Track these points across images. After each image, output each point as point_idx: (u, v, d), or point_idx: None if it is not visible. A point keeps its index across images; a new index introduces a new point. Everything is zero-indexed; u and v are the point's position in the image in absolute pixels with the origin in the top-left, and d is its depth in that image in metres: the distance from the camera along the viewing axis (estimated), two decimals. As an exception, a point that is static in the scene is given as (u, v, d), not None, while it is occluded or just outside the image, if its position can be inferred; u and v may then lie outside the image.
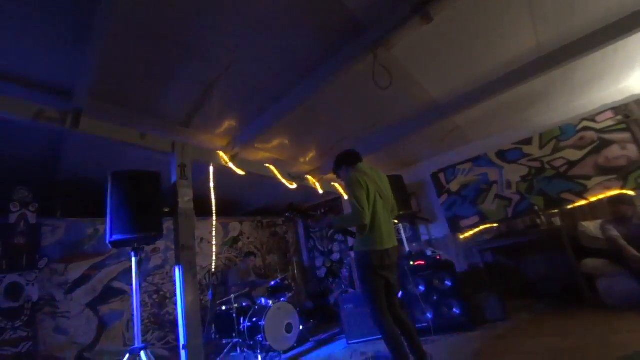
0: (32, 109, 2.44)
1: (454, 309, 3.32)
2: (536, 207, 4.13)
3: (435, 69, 3.02)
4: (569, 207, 4.04)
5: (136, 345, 2.27)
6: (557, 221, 3.94)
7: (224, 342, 3.90)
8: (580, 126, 4.09)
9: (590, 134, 4.02)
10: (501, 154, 4.60)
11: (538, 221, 3.96)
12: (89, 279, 3.85)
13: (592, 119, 4.02)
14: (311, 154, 4.48)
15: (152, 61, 2.35)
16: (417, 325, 3.28)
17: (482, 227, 4.60)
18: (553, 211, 4.09)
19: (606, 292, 3.04)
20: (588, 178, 3.97)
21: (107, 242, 2.32)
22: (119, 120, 2.87)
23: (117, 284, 4.01)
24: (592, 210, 3.88)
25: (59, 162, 3.45)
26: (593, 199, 3.91)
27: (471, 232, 4.68)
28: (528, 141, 4.42)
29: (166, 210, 2.89)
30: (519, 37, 2.78)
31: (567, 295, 3.52)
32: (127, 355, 2.23)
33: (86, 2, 1.82)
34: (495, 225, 4.51)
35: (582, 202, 3.97)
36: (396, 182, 3.99)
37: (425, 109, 3.66)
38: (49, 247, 3.66)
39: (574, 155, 4.09)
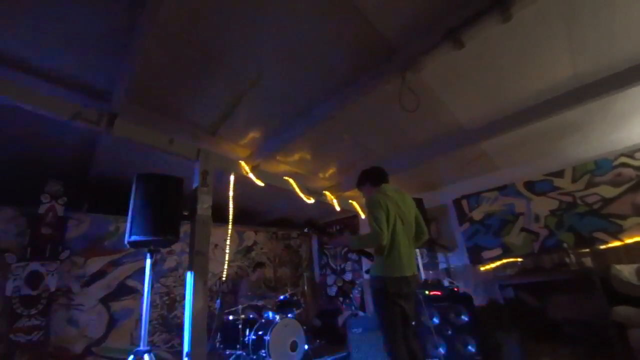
0: (71, 109, 2.58)
1: (469, 347, 3.12)
2: (565, 245, 3.89)
3: (464, 93, 2.96)
4: (602, 247, 3.77)
5: (141, 348, 2.27)
6: (588, 261, 3.68)
7: (227, 352, 3.85)
8: (618, 162, 3.86)
9: (628, 171, 3.78)
10: (530, 185, 4.40)
11: (567, 260, 3.72)
12: (105, 274, 3.95)
13: (631, 155, 3.79)
14: (331, 170, 4.47)
15: (185, 69, 2.44)
16: None
17: (505, 261, 4.36)
18: (584, 250, 3.83)
19: (639, 344, 2.77)
20: (624, 218, 3.71)
21: (126, 241, 2.37)
22: (150, 124, 2.98)
23: (131, 282, 4.09)
24: (627, 253, 3.59)
25: (90, 160, 3.62)
26: (629, 241, 3.63)
27: (493, 265, 4.45)
28: (560, 174, 4.21)
29: (185, 213, 2.94)
30: (555, 65, 2.69)
31: (594, 342, 3.24)
32: (132, 357, 2.24)
33: (130, 9, 1.93)
34: (519, 259, 4.27)
35: (617, 243, 3.70)
36: (416, 205, 3.88)
37: (451, 133, 3.58)
38: (72, 240, 3.81)
39: (609, 192, 3.85)
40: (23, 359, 3.12)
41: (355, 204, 5.48)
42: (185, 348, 2.59)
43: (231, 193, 3.66)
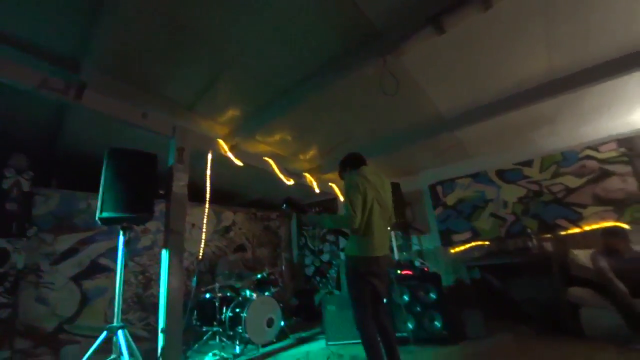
0: (37, 77, 2.41)
1: (436, 322, 3.32)
2: (529, 230, 4.14)
3: (443, 81, 3.01)
4: (562, 233, 4.04)
5: (115, 324, 2.27)
6: (549, 246, 3.95)
7: (204, 329, 3.90)
8: (583, 154, 4.08)
9: (591, 163, 4.02)
10: (501, 173, 4.60)
11: (529, 244, 3.97)
12: (77, 252, 3.84)
13: (595, 148, 4.02)
14: (311, 152, 4.47)
15: (162, 42, 2.33)
16: (397, 335, 3.29)
17: (473, 243, 4.60)
18: (546, 236, 4.09)
19: (588, 323, 3.04)
20: (584, 207, 3.97)
21: (97, 218, 2.30)
22: (123, 97, 2.85)
23: (103, 261, 4.00)
24: (584, 239, 3.87)
25: (59, 133, 3.43)
26: (587, 228, 3.91)
27: (462, 247, 4.69)
28: (529, 163, 4.42)
29: (161, 192, 2.88)
30: (531, 57, 2.77)
31: (549, 320, 3.52)
32: (105, 332, 2.23)
33: None
34: (486, 243, 4.52)
35: (576, 230, 3.97)
36: (393, 189, 3.96)
37: (429, 120, 3.65)
38: (40, 217, 3.65)
39: (573, 182, 4.09)
40: (-11, 338, 3.04)
41: (334, 186, 5.54)
42: (161, 324, 2.61)
43: (208, 172, 3.61)
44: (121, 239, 2.41)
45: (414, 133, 3.84)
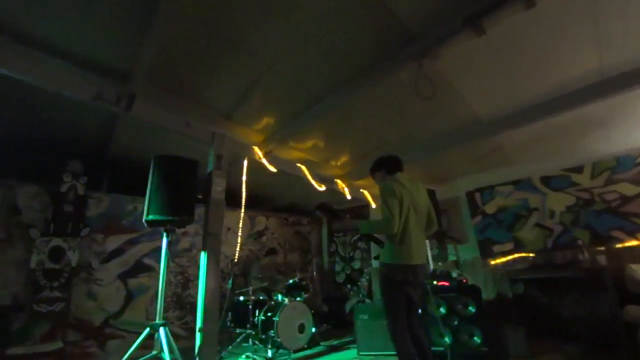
0: (92, 90, 2.64)
1: (475, 338, 3.14)
2: (580, 242, 3.82)
3: (482, 83, 2.89)
4: (618, 246, 3.69)
5: (157, 321, 2.39)
6: (602, 260, 3.62)
7: (237, 331, 3.99)
8: (640, 159, 3.73)
9: (650, 169, 3.66)
10: (546, 180, 4.31)
11: (580, 257, 3.66)
12: (124, 252, 4.12)
13: (654, 153, 3.66)
14: (343, 159, 4.47)
15: (203, 52, 2.47)
16: (432, 349, 3.15)
17: (516, 255, 4.33)
18: (599, 248, 3.76)
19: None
20: (644, 217, 3.61)
21: (144, 220, 2.46)
22: (168, 107, 3.03)
23: (147, 260, 4.25)
24: (644, 253, 3.51)
25: (110, 141, 3.72)
26: (647, 241, 3.55)
27: (503, 259, 4.42)
28: (579, 169, 4.10)
29: (199, 197, 3.01)
30: (579, 57, 2.59)
31: (601, 340, 3.21)
32: (148, 329, 2.35)
33: None
34: (531, 255, 4.22)
35: (634, 243, 3.61)
36: (429, 196, 3.87)
37: (467, 125, 3.52)
38: (92, 218, 3.97)
39: (629, 190, 3.74)
40: (45, 328, 3.31)
41: (366, 193, 5.49)
42: (198, 324, 2.71)
43: (244, 177, 3.72)
44: (164, 240, 2.55)
45: (450, 138, 3.71)
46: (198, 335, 2.68)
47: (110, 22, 2.19)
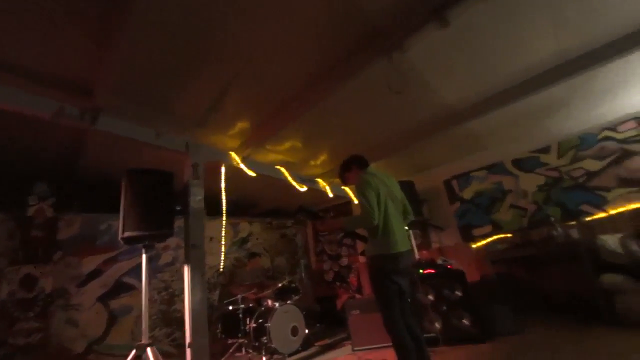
0: (53, 107, 2.51)
1: (464, 320, 3.23)
2: (553, 218, 4.00)
3: (451, 74, 2.97)
4: (588, 219, 3.90)
5: (143, 341, 2.29)
6: (575, 233, 3.81)
7: (229, 341, 3.91)
8: (601, 136, 3.96)
9: (611, 144, 3.88)
10: (517, 162, 4.49)
11: (554, 233, 3.83)
12: (101, 273, 3.94)
13: (613, 128, 3.89)
14: (322, 157, 4.47)
15: (168, 60, 2.39)
16: (424, 335, 3.21)
17: (495, 237, 4.49)
18: (571, 223, 3.96)
19: (625, 309, 2.91)
20: (608, 190, 3.83)
21: (120, 238, 2.35)
22: (136, 119, 2.93)
23: (127, 279, 4.08)
24: (612, 224, 3.73)
25: (77, 159, 3.54)
26: (613, 212, 3.77)
27: (484, 242, 4.57)
28: (546, 150, 4.30)
29: (178, 208, 2.92)
30: (538, 42, 2.71)
31: (582, 310, 3.39)
32: (134, 351, 2.26)
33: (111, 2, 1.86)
34: (509, 235, 4.39)
35: (602, 215, 3.83)
36: (407, 188, 3.94)
37: (440, 115, 3.61)
38: (64, 241, 3.77)
39: (594, 165, 3.95)
40: (24, 362, 3.12)
41: (347, 189, 5.52)
42: (188, 339, 2.63)
43: (223, 184, 3.65)
44: (144, 257, 2.45)
45: (424, 128, 3.79)
46: (188, 351, 2.60)
47: (69, 34, 2.07)
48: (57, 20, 1.96)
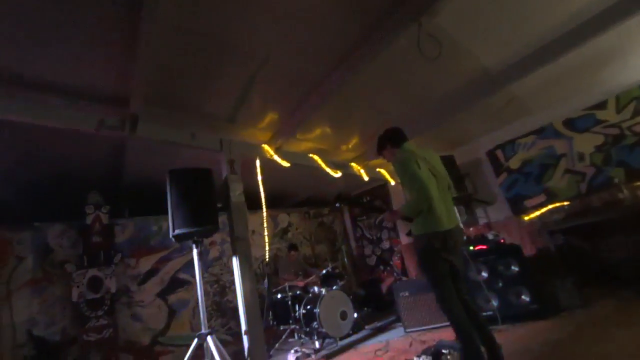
0: (94, 119, 2.65)
1: (523, 296, 3.04)
2: (616, 180, 3.62)
3: (485, 33, 2.72)
4: (658, 177, 3.48)
5: (203, 331, 2.41)
6: (644, 195, 3.42)
7: (281, 328, 4.03)
8: (669, 82, 3.48)
9: (682, 91, 3.41)
10: (570, 123, 4.08)
11: (620, 196, 3.48)
12: (158, 271, 4.20)
13: (685, 72, 3.40)
14: (354, 140, 4.38)
15: (193, 61, 2.43)
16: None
17: (550, 207, 4.15)
18: (637, 184, 3.55)
19: None
20: (682, 142, 3.38)
21: (171, 236, 2.47)
22: (171, 122, 3.02)
23: (181, 275, 4.33)
24: (688, 180, 3.30)
25: (122, 167, 3.76)
26: (690, 167, 3.33)
27: (537, 213, 4.25)
28: (602, 105, 3.87)
29: (219, 205, 2.98)
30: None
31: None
32: (196, 340, 2.37)
33: (129, 13, 1.90)
34: (565, 203, 4.04)
35: (676, 171, 3.39)
36: (448, 163, 3.73)
37: (476, 80, 3.35)
38: (121, 244, 4.05)
39: (661, 116, 3.50)
40: (98, 356, 3.42)
41: (383, 171, 5.38)
42: (244, 326, 2.73)
43: (259, 177, 3.69)
44: (195, 251, 2.55)
45: (461, 98, 3.55)
46: (245, 337, 2.70)
47: (95, 49, 2.16)
48: (85, 34, 2.03)
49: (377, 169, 5.31)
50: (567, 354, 2.19)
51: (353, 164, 4.81)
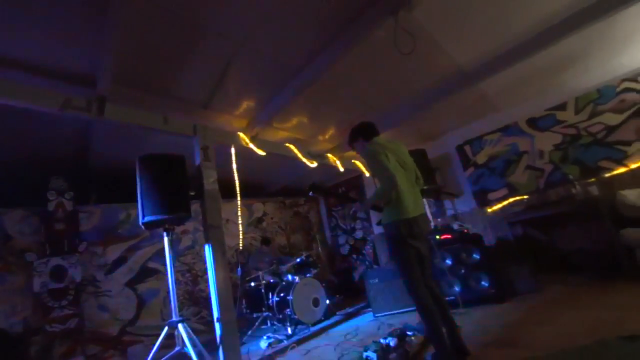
0: (59, 99, 2.50)
1: (483, 282, 3.26)
2: (571, 177, 3.92)
3: (460, 31, 2.82)
4: (607, 175, 3.79)
5: (174, 319, 2.40)
6: (594, 190, 3.73)
7: (254, 316, 4.06)
8: (621, 87, 3.77)
9: (631, 96, 3.70)
10: (533, 122, 4.34)
11: (573, 191, 3.76)
12: (126, 260, 4.07)
13: (634, 79, 3.70)
14: (330, 131, 4.42)
15: (167, 41, 2.34)
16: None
17: (511, 200, 4.43)
18: (590, 180, 3.86)
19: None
20: (628, 144, 3.70)
21: (140, 223, 2.41)
22: (142, 105, 2.91)
23: (152, 264, 4.23)
24: (633, 178, 3.62)
25: (88, 151, 3.58)
26: (634, 166, 3.65)
27: (499, 205, 4.53)
28: (562, 106, 4.14)
29: (192, 194, 2.94)
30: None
31: (604, 267, 3.37)
32: (166, 328, 2.36)
33: None
34: (525, 197, 4.33)
35: (622, 170, 3.72)
36: (419, 156, 3.88)
37: (449, 76, 3.47)
38: (87, 232, 3.88)
39: (613, 119, 3.80)
40: (63, 347, 3.31)
41: (358, 163, 5.48)
42: (216, 314, 2.73)
43: (234, 165, 3.66)
44: (166, 239, 2.51)
45: (434, 92, 3.67)
46: (217, 325, 2.71)
47: (65, 25, 2.03)
48: (51, 12, 1.91)
49: (353, 161, 5.40)
50: (519, 332, 2.39)
51: (329, 155, 4.86)
